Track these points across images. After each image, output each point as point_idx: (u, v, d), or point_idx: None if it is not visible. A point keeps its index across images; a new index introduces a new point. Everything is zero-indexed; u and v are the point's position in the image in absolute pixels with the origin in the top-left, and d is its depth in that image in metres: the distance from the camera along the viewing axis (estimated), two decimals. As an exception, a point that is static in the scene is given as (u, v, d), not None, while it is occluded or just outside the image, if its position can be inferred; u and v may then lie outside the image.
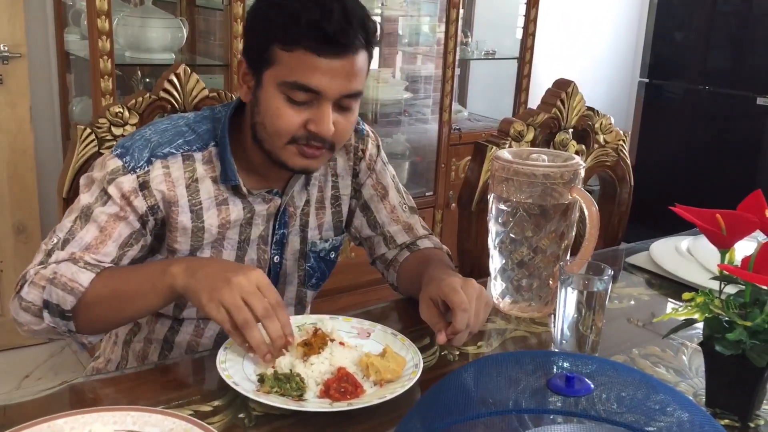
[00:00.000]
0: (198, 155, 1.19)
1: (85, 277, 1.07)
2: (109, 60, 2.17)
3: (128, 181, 1.14)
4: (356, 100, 1.16)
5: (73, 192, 1.31)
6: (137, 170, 1.14)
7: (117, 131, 1.33)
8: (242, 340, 1.00)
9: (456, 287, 1.08)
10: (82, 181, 1.19)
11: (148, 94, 1.36)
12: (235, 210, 1.22)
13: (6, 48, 2.53)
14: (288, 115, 1.11)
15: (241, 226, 1.24)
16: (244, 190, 1.21)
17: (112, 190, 1.13)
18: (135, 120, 1.34)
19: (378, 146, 1.39)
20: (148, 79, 2.62)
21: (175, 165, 1.17)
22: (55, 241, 1.13)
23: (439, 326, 1.09)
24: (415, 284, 1.23)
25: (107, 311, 1.09)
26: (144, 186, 1.15)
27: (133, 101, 1.34)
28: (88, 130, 1.31)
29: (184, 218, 1.18)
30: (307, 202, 1.30)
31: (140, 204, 1.15)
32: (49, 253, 1.12)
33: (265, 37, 1.11)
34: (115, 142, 1.33)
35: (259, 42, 1.12)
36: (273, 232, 1.28)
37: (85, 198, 1.15)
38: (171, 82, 1.37)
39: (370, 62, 1.16)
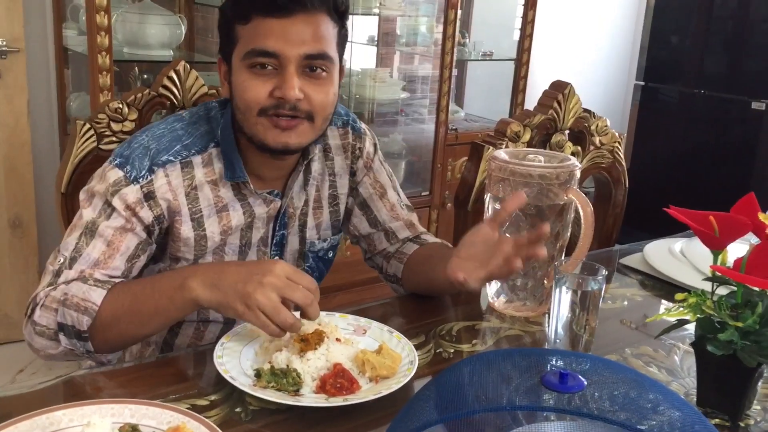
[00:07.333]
0: (197, 159, 1.18)
1: (96, 295, 1.05)
2: (108, 56, 2.17)
3: (132, 192, 1.12)
4: (326, 66, 1.13)
5: (72, 187, 1.32)
6: (140, 180, 1.12)
7: (116, 127, 1.33)
8: (283, 334, 1.02)
9: None
10: (82, 195, 1.15)
11: (147, 91, 1.36)
12: (236, 215, 1.21)
13: (4, 42, 2.53)
14: (254, 86, 1.11)
15: (242, 230, 1.23)
16: (252, 187, 1.20)
17: (116, 202, 1.11)
18: (134, 116, 1.35)
19: (375, 144, 1.39)
20: (145, 76, 2.62)
21: (173, 173, 1.15)
22: (62, 260, 1.10)
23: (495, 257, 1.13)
24: (427, 272, 1.26)
25: (126, 329, 1.08)
26: (149, 196, 1.13)
27: (133, 97, 1.35)
28: (88, 126, 1.32)
29: (186, 228, 1.18)
30: (306, 202, 1.30)
31: (146, 215, 1.13)
32: (57, 274, 1.10)
33: (227, 22, 1.14)
34: (114, 138, 1.34)
35: (225, 29, 1.15)
36: (273, 234, 1.28)
37: (87, 213, 1.12)
38: (170, 78, 1.37)
39: (340, 31, 1.15)
